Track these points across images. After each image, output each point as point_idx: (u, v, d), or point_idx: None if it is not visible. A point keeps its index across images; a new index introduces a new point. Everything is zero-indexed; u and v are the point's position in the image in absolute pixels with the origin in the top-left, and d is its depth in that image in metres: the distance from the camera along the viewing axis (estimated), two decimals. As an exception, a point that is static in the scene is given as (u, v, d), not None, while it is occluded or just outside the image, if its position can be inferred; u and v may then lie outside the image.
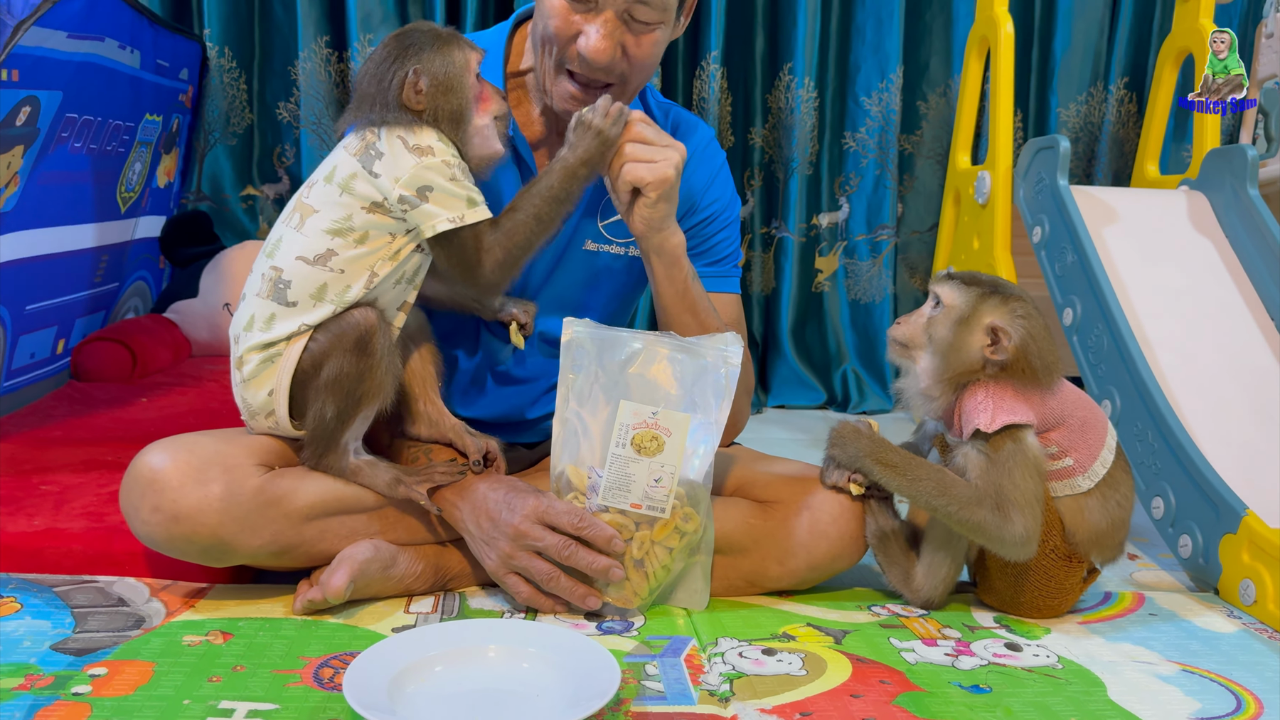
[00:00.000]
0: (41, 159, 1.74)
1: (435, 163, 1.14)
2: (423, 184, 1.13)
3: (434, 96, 1.16)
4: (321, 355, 1.15)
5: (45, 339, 2.01)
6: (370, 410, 1.19)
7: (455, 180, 1.15)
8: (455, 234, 1.15)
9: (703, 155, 1.43)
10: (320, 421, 1.17)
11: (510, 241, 1.17)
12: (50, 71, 1.63)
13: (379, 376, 1.17)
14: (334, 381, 1.15)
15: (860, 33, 2.58)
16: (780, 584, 1.28)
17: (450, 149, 1.17)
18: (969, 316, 1.20)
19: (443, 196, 1.14)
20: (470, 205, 1.15)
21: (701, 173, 1.42)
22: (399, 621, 1.16)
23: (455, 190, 1.15)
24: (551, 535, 1.16)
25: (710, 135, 1.46)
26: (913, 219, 2.72)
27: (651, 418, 1.19)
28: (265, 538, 1.14)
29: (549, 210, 1.19)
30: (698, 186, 1.41)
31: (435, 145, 1.15)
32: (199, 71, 2.45)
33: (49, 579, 1.25)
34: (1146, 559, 1.52)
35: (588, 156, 1.19)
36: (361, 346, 1.15)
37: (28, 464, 1.58)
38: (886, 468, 1.21)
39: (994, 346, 1.19)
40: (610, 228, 1.38)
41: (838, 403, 2.64)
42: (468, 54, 1.19)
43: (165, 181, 2.42)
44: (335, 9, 2.48)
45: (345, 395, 1.16)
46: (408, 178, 1.13)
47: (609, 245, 1.39)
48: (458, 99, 1.17)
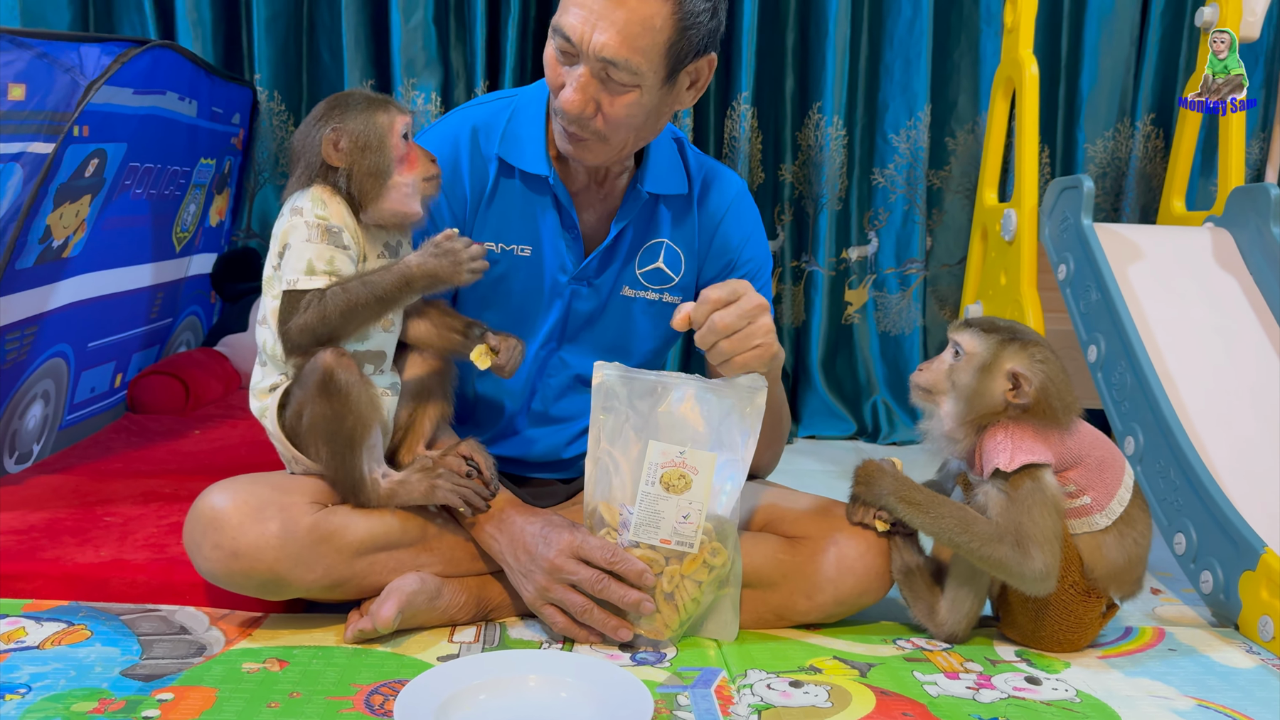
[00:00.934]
0: (106, 206, 1.84)
1: (299, 223, 1.21)
2: (284, 243, 1.22)
3: (352, 154, 1.23)
4: (299, 405, 1.23)
5: (104, 374, 2.11)
6: (368, 439, 1.24)
7: (310, 241, 1.20)
8: (292, 293, 1.21)
9: (737, 208, 1.48)
10: (328, 464, 1.24)
11: (323, 314, 1.19)
12: (117, 125, 1.73)
13: (357, 409, 1.21)
14: (316, 426, 1.22)
15: (889, 72, 2.64)
16: (808, 617, 1.32)
17: (333, 209, 1.22)
18: (990, 363, 1.25)
19: (292, 257, 1.21)
20: (308, 272, 1.20)
21: (738, 227, 1.47)
22: (443, 650, 1.23)
23: (304, 251, 1.20)
24: (585, 569, 1.22)
25: (743, 187, 1.51)
26: (942, 252, 2.76)
27: (679, 456, 1.25)
28: (319, 572, 1.21)
29: (370, 305, 1.20)
30: (734, 242, 1.47)
31: (306, 207, 1.22)
32: (250, 115, 2.56)
33: (116, 607, 1.32)
34: (1170, 594, 1.55)
35: (431, 272, 1.21)
36: (325, 388, 1.19)
37: (91, 495, 1.67)
38: (910, 505, 1.26)
39: (1015, 391, 1.24)
40: (647, 275, 1.44)
41: (868, 433, 2.68)
42: (394, 117, 1.25)
43: (217, 220, 2.53)
44: (380, 54, 2.58)
45: (333, 435, 1.22)
46: (277, 235, 1.23)
47: (645, 291, 1.45)
48: (376, 158, 1.23)
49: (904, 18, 2.60)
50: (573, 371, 1.45)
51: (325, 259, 1.21)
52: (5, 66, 1.50)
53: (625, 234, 1.41)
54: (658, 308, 1.46)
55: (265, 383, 1.27)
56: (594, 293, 1.42)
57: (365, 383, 1.23)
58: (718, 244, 1.46)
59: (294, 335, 1.20)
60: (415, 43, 2.51)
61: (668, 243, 1.44)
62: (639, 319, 1.46)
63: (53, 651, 1.18)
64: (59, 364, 1.87)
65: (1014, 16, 2.24)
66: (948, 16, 2.66)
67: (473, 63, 2.53)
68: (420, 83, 2.52)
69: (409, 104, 2.52)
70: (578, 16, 1.20)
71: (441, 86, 2.55)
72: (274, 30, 2.57)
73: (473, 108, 1.42)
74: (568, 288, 1.40)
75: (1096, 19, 2.62)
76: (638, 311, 1.45)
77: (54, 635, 1.22)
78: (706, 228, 1.46)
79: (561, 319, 1.42)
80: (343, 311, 1.19)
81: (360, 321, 1.21)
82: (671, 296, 1.45)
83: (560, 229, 1.39)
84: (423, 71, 2.52)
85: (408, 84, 2.52)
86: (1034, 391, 1.23)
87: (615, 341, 1.46)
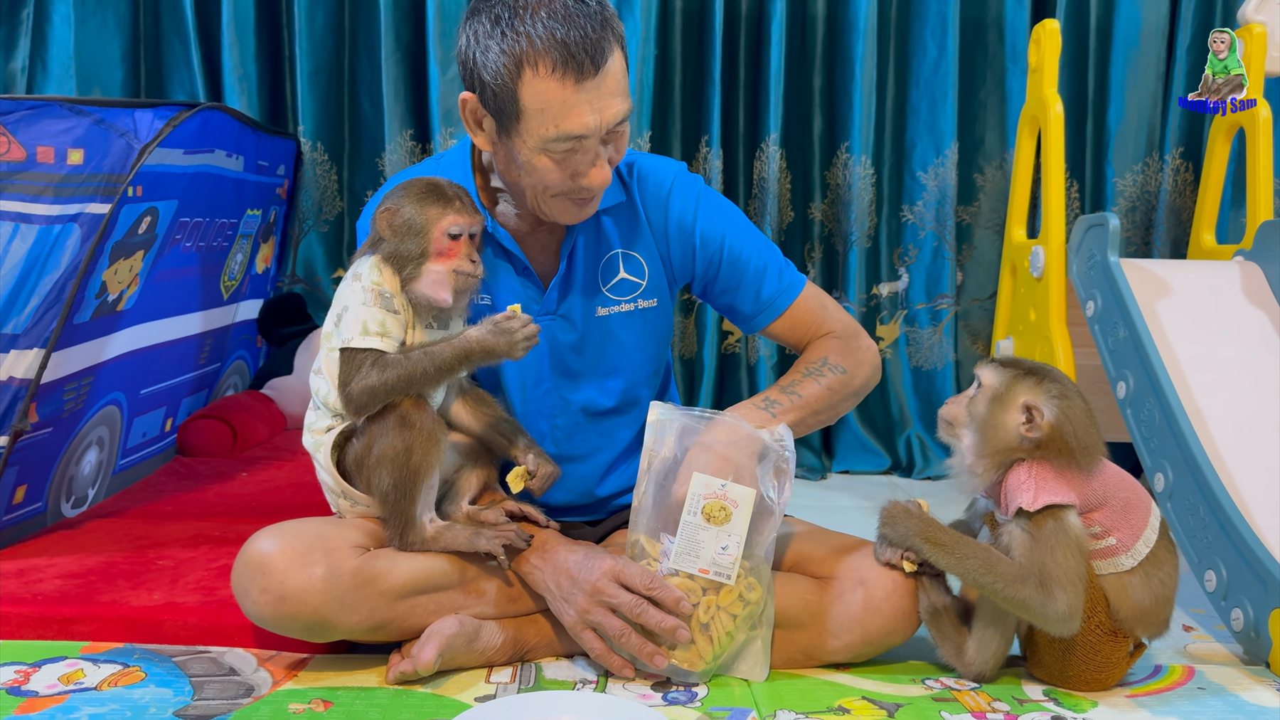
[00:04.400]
0: (158, 260, 1.92)
1: (357, 288, 1.31)
2: (342, 306, 1.32)
3: (398, 233, 1.32)
4: (370, 438, 1.30)
5: (155, 419, 2.18)
6: (430, 478, 1.31)
7: (366, 304, 1.29)
8: (349, 351, 1.29)
9: (676, 188, 1.48)
10: (386, 497, 1.30)
11: (384, 378, 1.28)
12: (168, 184, 1.81)
13: (426, 446, 1.29)
14: (385, 458, 1.28)
15: (915, 112, 2.68)
16: (836, 657, 1.35)
17: (387, 278, 1.31)
18: (1004, 395, 1.28)
19: (349, 318, 1.30)
20: (363, 332, 1.29)
21: (679, 204, 1.48)
22: (481, 691, 1.27)
23: (360, 313, 1.29)
24: (625, 594, 1.26)
25: (680, 168, 1.51)
26: (973, 287, 2.78)
27: (721, 489, 1.29)
28: (362, 615, 1.26)
29: (431, 372, 1.29)
30: (687, 220, 1.47)
31: (365, 271, 1.31)
32: (294, 166, 2.65)
33: (169, 649, 1.38)
34: (1202, 630, 1.55)
35: (489, 348, 1.29)
36: (403, 421, 1.28)
37: (144, 539, 1.73)
38: (935, 546, 1.28)
39: (1029, 424, 1.26)
40: (613, 289, 1.47)
41: (902, 468, 2.69)
42: (445, 213, 1.32)
43: (263, 267, 2.62)
44: (419, 104, 2.67)
45: (400, 468, 1.28)
46: (339, 297, 1.33)
47: (618, 305, 1.48)
48: (414, 243, 1.31)
49: (929, 58, 2.64)
50: (577, 406, 1.49)
51: (378, 321, 1.29)
52: (65, 133, 1.59)
53: (576, 259, 1.45)
54: (636, 316, 1.49)
55: (320, 424, 1.36)
56: (568, 323, 1.46)
57: (439, 425, 1.32)
58: (675, 231, 1.48)
59: (356, 396, 1.29)
60: (453, 94, 2.59)
61: (623, 251, 1.47)
62: (621, 334, 1.49)
63: (110, 693, 1.23)
64: (113, 411, 1.95)
65: (1038, 56, 2.28)
66: (973, 55, 2.70)
67: (507, 111, 2.61)
68: (458, 131, 2.60)
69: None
70: (588, 113, 1.25)
71: (478, 135, 2.63)
72: (316, 83, 2.66)
73: (403, 174, 1.46)
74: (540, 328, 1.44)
75: (1122, 54, 2.65)
76: (617, 327, 1.48)
77: (111, 676, 1.28)
78: (659, 223, 1.48)
79: (544, 357, 1.46)
80: (403, 377, 1.28)
81: (419, 386, 1.30)
82: (646, 301, 1.49)
83: (514, 274, 1.44)
84: (459, 121, 2.59)
85: (445, 133, 2.60)
86: (1047, 425, 1.25)
87: (609, 364, 1.49)
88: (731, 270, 1.49)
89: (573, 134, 1.26)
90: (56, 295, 1.60)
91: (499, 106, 1.27)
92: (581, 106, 1.25)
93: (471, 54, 1.28)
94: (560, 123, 1.25)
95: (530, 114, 1.26)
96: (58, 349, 1.65)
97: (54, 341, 1.60)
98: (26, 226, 1.59)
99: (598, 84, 1.25)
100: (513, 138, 1.29)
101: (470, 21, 1.28)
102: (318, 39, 2.65)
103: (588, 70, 1.24)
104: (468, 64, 1.29)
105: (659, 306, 1.50)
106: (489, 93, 1.27)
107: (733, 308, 1.52)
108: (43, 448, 1.72)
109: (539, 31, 1.22)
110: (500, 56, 1.24)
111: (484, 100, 1.29)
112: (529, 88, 1.24)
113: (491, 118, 1.30)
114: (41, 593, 1.46)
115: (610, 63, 1.26)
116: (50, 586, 1.49)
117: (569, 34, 1.22)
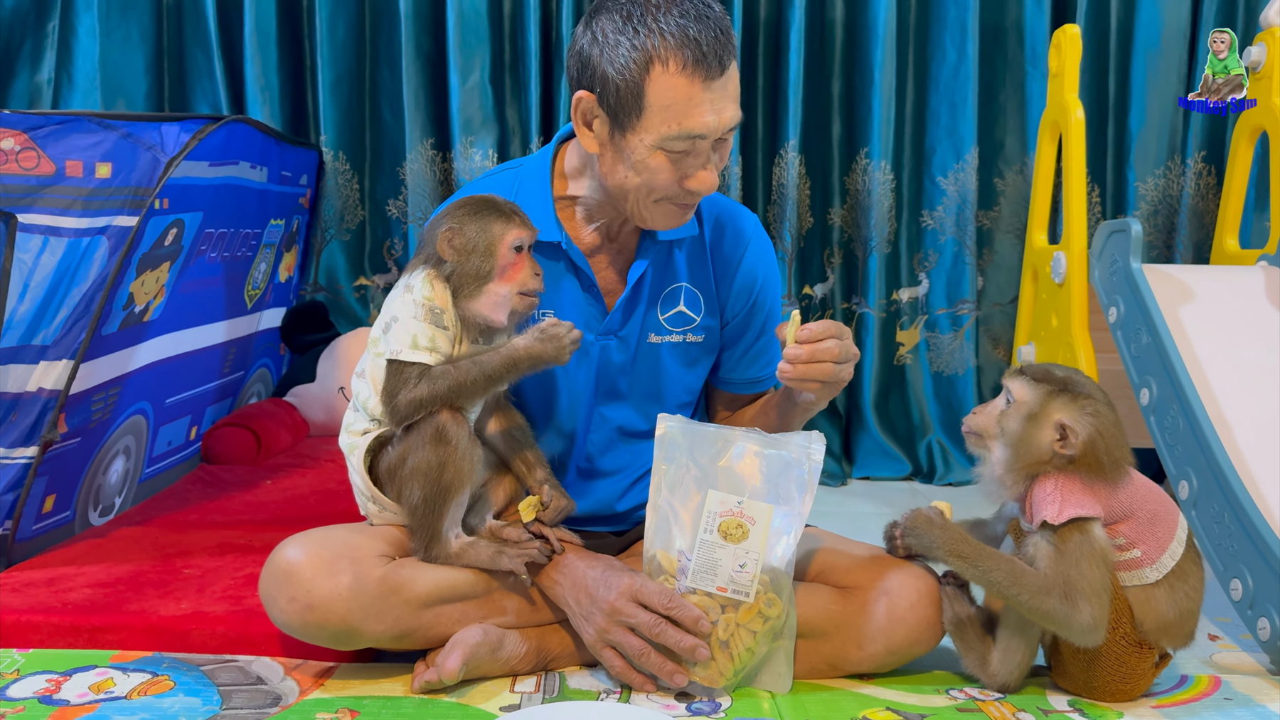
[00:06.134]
0: (183, 271, 1.94)
1: (408, 300, 1.31)
2: (392, 316, 1.32)
3: (462, 253, 1.32)
4: (405, 449, 1.30)
5: (181, 428, 2.20)
6: (460, 495, 1.31)
7: (416, 319, 1.30)
8: (396, 363, 1.30)
9: (755, 248, 1.53)
10: (414, 510, 1.30)
11: (432, 390, 1.28)
12: (194, 196, 1.83)
13: (459, 463, 1.29)
14: (418, 471, 1.29)
15: (935, 116, 2.68)
16: (860, 667, 1.35)
17: (439, 294, 1.32)
18: (1038, 413, 1.28)
19: (399, 330, 1.30)
20: (413, 346, 1.29)
21: (753, 258, 1.52)
22: (505, 700, 1.27)
23: (410, 327, 1.30)
24: (643, 613, 1.26)
25: (757, 223, 1.56)
26: (994, 292, 2.77)
27: (737, 506, 1.29)
28: (388, 623, 1.27)
29: (480, 382, 1.30)
30: (759, 281, 1.52)
31: (418, 285, 1.32)
32: (316, 175, 2.67)
33: (197, 658, 1.39)
34: (1228, 640, 1.54)
35: (536, 355, 1.30)
36: (439, 436, 1.28)
37: (171, 547, 1.75)
38: (959, 558, 1.28)
39: (1063, 442, 1.26)
40: (670, 319, 1.49)
41: (923, 474, 2.69)
42: (508, 229, 1.33)
43: (286, 276, 2.64)
44: (439, 114, 2.69)
45: (431, 483, 1.29)
46: (389, 305, 1.33)
47: (669, 336, 1.50)
48: (480, 262, 1.32)
49: (949, 63, 2.64)
50: (614, 425, 1.51)
51: (428, 337, 1.30)
52: (94, 147, 1.61)
53: (644, 282, 1.46)
54: (682, 349, 1.51)
55: (358, 425, 1.37)
56: (623, 344, 1.47)
57: (474, 443, 1.32)
58: (740, 284, 1.51)
59: (402, 408, 1.29)
60: (473, 102, 2.61)
61: (686, 286, 1.49)
62: (668, 363, 1.51)
63: (139, 702, 1.25)
64: (139, 421, 1.97)
65: (1059, 62, 2.27)
66: (993, 60, 2.69)
67: (527, 120, 2.63)
68: (477, 140, 2.61)
69: (468, 159, 2.62)
70: (709, 113, 1.28)
71: (498, 143, 2.65)
72: (338, 93, 2.68)
73: (481, 181, 1.49)
74: (596, 344, 1.46)
75: (1143, 58, 2.63)
76: (665, 356, 1.50)
77: (140, 685, 1.29)
78: (725, 269, 1.51)
79: (594, 375, 1.48)
80: (451, 387, 1.29)
81: (467, 397, 1.31)
82: (694, 337, 1.51)
83: (580, 290, 1.45)
84: (479, 130, 2.62)
85: (465, 142, 2.62)
86: (1081, 444, 1.25)
87: (649, 389, 1.51)
88: (756, 337, 1.54)
89: (693, 132, 1.28)
90: (85, 307, 1.62)
91: (619, 103, 1.29)
92: (704, 106, 1.27)
93: (595, 51, 1.30)
94: (683, 120, 1.27)
95: (653, 110, 1.27)
96: (86, 360, 1.67)
97: (82, 352, 1.62)
98: (56, 239, 1.61)
99: (722, 85, 1.28)
100: (628, 135, 1.30)
101: (595, 20, 1.31)
102: (339, 49, 2.67)
103: (714, 71, 1.26)
104: (588, 62, 1.31)
105: (705, 342, 1.52)
106: (611, 88, 1.29)
107: (720, 360, 1.57)
108: (71, 457, 1.74)
109: (671, 28, 1.25)
110: (631, 52, 1.27)
111: (603, 97, 1.31)
112: (656, 83, 1.26)
113: (606, 116, 1.32)
114: (72, 602, 1.48)
115: (731, 68, 1.29)
116: (80, 595, 1.50)
117: (701, 33, 1.25)
